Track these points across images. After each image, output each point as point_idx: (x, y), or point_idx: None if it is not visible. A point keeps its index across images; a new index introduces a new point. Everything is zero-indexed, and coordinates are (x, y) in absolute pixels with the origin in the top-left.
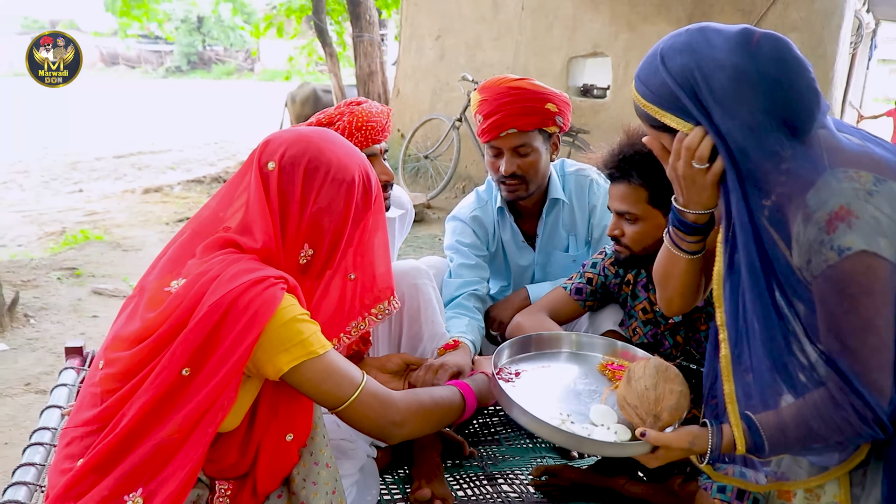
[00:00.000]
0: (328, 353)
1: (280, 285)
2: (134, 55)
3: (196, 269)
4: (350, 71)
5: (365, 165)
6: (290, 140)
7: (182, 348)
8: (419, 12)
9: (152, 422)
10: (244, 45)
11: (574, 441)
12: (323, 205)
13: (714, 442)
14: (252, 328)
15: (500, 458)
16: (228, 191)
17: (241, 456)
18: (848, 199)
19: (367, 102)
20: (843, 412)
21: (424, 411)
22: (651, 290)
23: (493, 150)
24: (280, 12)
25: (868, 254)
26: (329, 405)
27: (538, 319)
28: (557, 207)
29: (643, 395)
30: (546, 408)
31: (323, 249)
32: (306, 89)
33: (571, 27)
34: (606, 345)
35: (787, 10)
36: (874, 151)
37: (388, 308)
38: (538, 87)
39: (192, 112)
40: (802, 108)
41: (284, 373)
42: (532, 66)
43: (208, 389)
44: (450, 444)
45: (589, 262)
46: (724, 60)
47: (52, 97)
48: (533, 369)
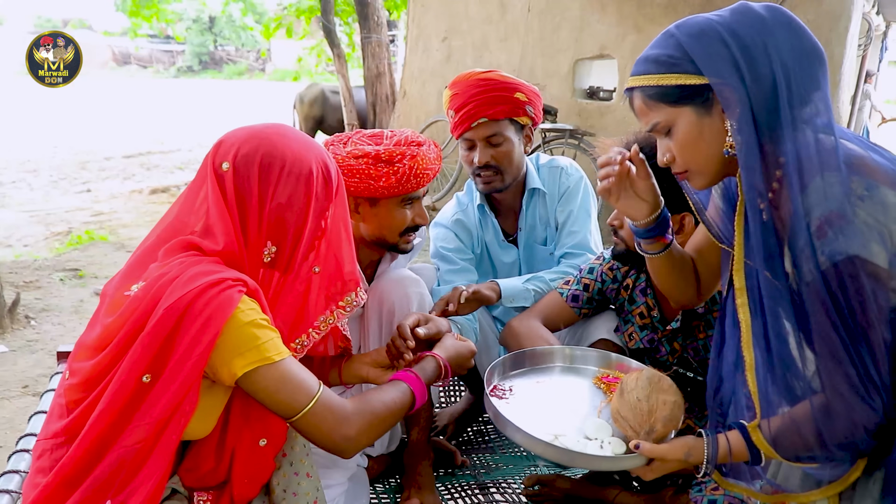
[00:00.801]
0: (285, 360)
1: (238, 288)
2: (146, 55)
3: (155, 273)
4: (360, 72)
5: (323, 157)
6: (243, 138)
7: (139, 354)
8: (426, 13)
9: (116, 431)
10: (255, 45)
11: (568, 456)
12: (282, 200)
13: (710, 452)
14: (207, 331)
15: (494, 467)
16: (189, 194)
17: (218, 462)
18: (839, 205)
19: (427, 145)
20: (844, 413)
21: (377, 420)
22: (649, 295)
23: (467, 142)
24: (289, 13)
25: (860, 259)
26: (283, 415)
27: (532, 326)
28: (536, 197)
29: (636, 407)
30: (540, 423)
31: (287, 245)
32: (314, 90)
33: (578, 29)
34: (601, 357)
35: (795, 11)
36: (871, 158)
37: (355, 300)
38: (506, 77)
39: (202, 112)
40: (813, 65)
41: (239, 377)
42: (539, 68)
43: (169, 395)
44: (442, 452)
45: (586, 268)
46: (736, 18)
47: (64, 96)
48: (527, 385)
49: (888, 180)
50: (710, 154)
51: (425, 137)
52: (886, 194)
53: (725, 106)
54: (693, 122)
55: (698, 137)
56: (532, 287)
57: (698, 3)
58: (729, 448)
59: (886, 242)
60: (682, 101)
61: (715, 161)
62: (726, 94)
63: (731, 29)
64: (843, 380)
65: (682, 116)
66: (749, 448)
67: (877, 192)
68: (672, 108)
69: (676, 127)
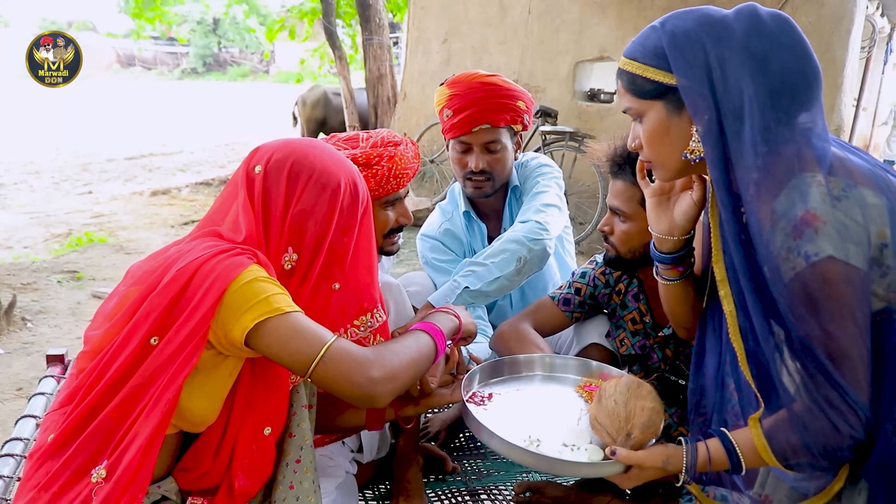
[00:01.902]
0: (295, 313)
1: (247, 255)
2: (150, 57)
3: (173, 250)
4: (363, 74)
5: (353, 174)
6: (278, 146)
7: (146, 316)
8: (426, 16)
9: (117, 392)
10: (259, 47)
11: (544, 463)
12: (305, 207)
13: (689, 460)
14: (213, 288)
15: (485, 473)
16: (223, 196)
17: (215, 461)
18: (814, 204)
19: (404, 144)
20: (825, 416)
21: (401, 362)
22: (641, 301)
23: (462, 145)
24: (292, 15)
25: (836, 260)
26: (299, 366)
27: (522, 331)
28: (513, 196)
29: (613, 413)
30: (518, 430)
31: (306, 254)
32: (317, 92)
33: (578, 31)
34: (581, 365)
35: (796, 14)
36: (849, 160)
37: (370, 320)
38: (509, 83)
39: (205, 114)
40: (798, 84)
41: (250, 330)
42: (538, 71)
43: (170, 352)
44: (433, 459)
45: (578, 272)
46: (730, 23)
47: (67, 98)
48: (506, 392)
49: (867, 181)
50: (674, 153)
51: (401, 136)
52: (865, 194)
53: (692, 111)
54: (662, 118)
55: (664, 134)
56: (460, 276)
57: (697, 5)
58: (708, 456)
59: (863, 244)
60: (654, 96)
61: (676, 160)
62: (694, 101)
63: (716, 34)
64: (822, 397)
65: (652, 110)
66: (729, 455)
67: (855, 192)
68: (644, 101)
69: (646, 119)
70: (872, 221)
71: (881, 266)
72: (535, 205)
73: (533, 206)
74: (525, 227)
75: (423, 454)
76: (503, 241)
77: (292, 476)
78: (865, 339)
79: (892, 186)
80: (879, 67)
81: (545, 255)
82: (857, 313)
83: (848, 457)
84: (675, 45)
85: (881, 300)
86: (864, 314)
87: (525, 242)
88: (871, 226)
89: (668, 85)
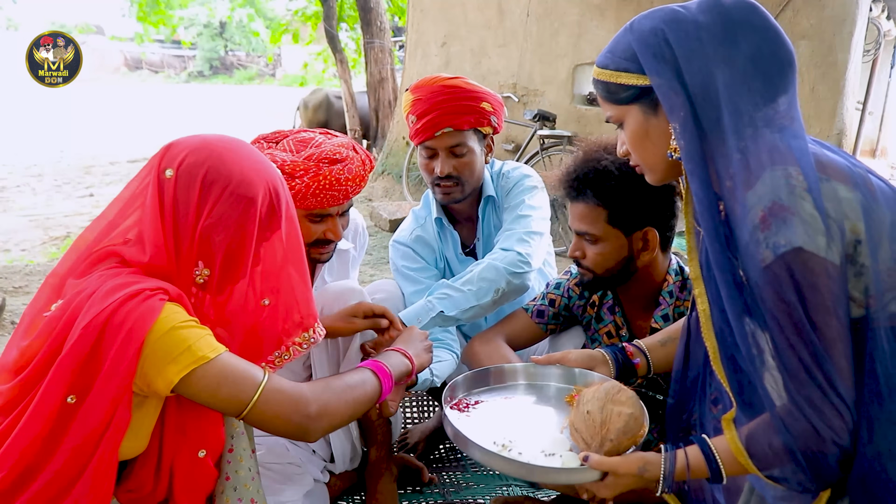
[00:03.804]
0: (221, 356)
1: (158, 296)
2: (157, 60)
3: (73, 289)
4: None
5: (274, 182)
6: (193, 147)
7: (60, 375)
8: (425, 18)
9: (45, 456)
10: (265, 50)
11: (517, 468)
12: (218, 219)
13: (667, 467)
14: (130, 343)
15: (464, 486)
16: (127, 195)
17: (157, 481)
18: (783, 195)
19: (341, 165)
20: (805, 418)
21: (338, 398)
22: (617, 314)
23: (428, 150)
24: (296, 18)
25: (805, 252)
26: (232, 411)
27: (494, 346)
28: (490, 205)
29: (588, 419)
30: (496, 437)
31: (219, 267)
32: (319, 95)
33: (577, 34)
34: (563, 374)
35: (798, 16)
36: (824, 154)
37: (312, 336)
38: (473, 85)
39: (211, 117)
40: (771, 67)
41: (176, 384)
42: (537, 74)
43: (99, 414)
44: (409, 470)
45: (553, 282)
46: (694, 16)
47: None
48: (488, 401)
49: (841, 176)
50: (657, 154)
51: (348, 153)
52: (838, 188)
53: (667, 109)
54: (640, 121)
55: (644, 137)
56: (436, 298)
57: None
58: (687, 463)
59: (836, 237)
60: (629, 101)
61: (661, 161)
62: (668, 97)
63: (681, 29)
64: (803, 397)
65: (629, 115)
66: (708, 462)
67: (827, 185)
68: (621, 107)
69: (626, 124)
70: (845, 216)
71: (855, 264)
72: (519, 231)
73: (516, 233)
74: (507, 257)
75: (399, 464)
76: (483, 269)
77: (232, 493)
78: (847, 336)
79: (868, 183)
80: (886, 71)
81: (524, 289)
82: (837, 309)
83: (833, 470)
84: (644, 44)
85: (859, 306)
86: (843, 311)
87: (505, 275)
88: (844, 221)
89: (642, 87)
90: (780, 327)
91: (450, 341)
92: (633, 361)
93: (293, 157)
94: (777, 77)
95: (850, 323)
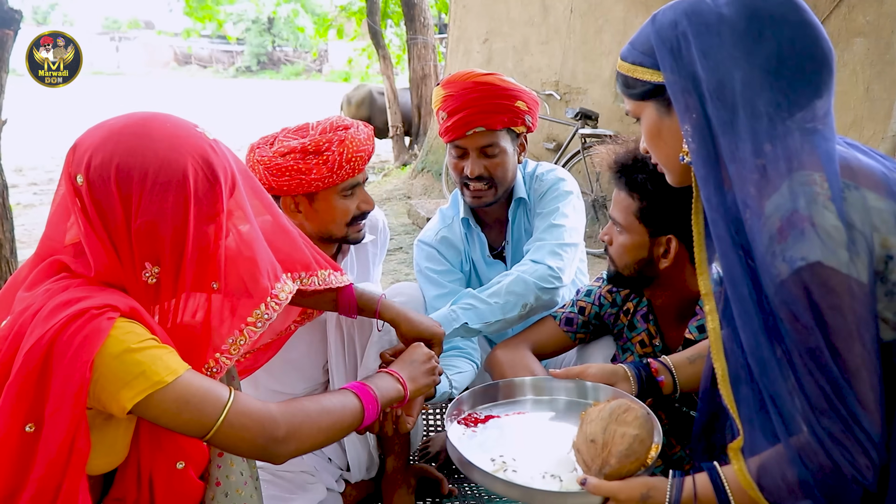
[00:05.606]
0: (181, 377)
1: (106, 314)
2: (206, 55)
3: (19, 306)
4: None
5: (203, 153)
6: (97, 144)
7: (13, 404)
8: (467, 14)
9: (14, 489)
10: (312, 46)
11: (512, 490)
12: (147, 216)
13: (672, 495)
14: (76, 369)
15: (486, 499)
16: (55, 208)
17: (139, 491)
18: (803, 204)
19: (354, 127)
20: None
21: (311, 422)
22: (651, 322)
23: (458, 150)
24: (341, 14)
25: (824, 268)
26: (196, 434)
27: (519, 354)
28: (521, 208)
29: (590, 439)
30: (501, 456)
31: (169, 262)
32: (362, 91)
33: (622, 31)
34: (575, 388)
35: (853, 13)
36: (855, 158)
37: (266, 312)
38: (507, 82)
39: (257, 111)
40: (802, 64)
41: (130, 410)
42: (580, 71)
43: (58, 442)
44: (428, 480)
45: (583, 289)
46: (719, 8)
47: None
48: (500, 418)
49: (872, 183)
50: (670, 155)
51: (352, 120)
52: (867, 197)
53: (678, 108)
54: (654, 119)
55: (657, 136)
56: (460, 308)
57: None
58: (694, 492)
59: (862, 251)
60: (644, 97)
61: (676, 163)
62: (680, 96)
63: (701, 22)
64: (823, 428)
65: (645, 111)
66: (717, 492)
67: (854, 193)
68: (637, 103)
69: (642, 120)
70: (875, 228)
71: (886, 282)
72: (552, 243)
73: (548, 245)
74: (538, 270)
75: (418, 475)
76: (511, 282)
77: (223, 499)
78: (875, 364)
79: None
80: None
81: (553, 305)
82: (863, 333)
83: (857, 480)
84: (661, 38)
85: (892, 328)
86: (871, 336)
87: (534, 290)
88: (874, 233)
89: (657, 83)
90: (802, 349)
91: (470, 350)
92: (657, 379)
93: (311, 136)
94: (809, 77)
95: (878, 348)
